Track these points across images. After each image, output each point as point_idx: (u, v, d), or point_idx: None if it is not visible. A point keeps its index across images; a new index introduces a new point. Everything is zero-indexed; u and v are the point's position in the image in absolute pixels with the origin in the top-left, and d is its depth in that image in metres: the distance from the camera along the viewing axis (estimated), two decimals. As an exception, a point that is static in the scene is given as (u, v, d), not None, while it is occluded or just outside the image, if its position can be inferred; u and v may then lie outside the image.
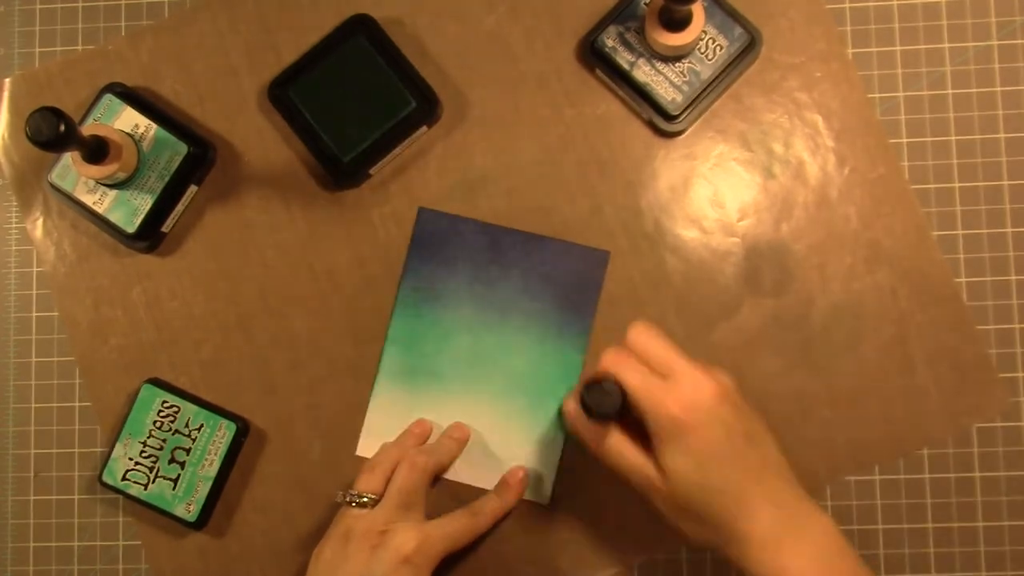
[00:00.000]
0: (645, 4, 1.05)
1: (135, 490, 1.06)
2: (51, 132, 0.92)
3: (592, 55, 1.07)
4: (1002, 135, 1.07)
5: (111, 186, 1.06)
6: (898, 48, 1.09)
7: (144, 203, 1.06)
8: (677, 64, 1.05)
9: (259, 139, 1.11)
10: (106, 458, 1.07)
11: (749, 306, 1.06)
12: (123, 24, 1.13)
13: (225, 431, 1.07)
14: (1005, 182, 1.07)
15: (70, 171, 1.06)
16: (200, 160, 1.08)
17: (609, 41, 1.06)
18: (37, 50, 1.14)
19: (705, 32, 1.04)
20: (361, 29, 1.08)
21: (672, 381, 0.87)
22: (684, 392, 0.86)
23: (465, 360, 1.08)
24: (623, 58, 1.05)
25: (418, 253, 1.09)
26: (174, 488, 1.06)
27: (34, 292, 1.12)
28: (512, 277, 1.09)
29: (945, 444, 1.05)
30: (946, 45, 1.08)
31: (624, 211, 1.08)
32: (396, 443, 1.05)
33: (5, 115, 1.13)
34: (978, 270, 1.06)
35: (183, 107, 1.11)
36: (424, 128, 1.09)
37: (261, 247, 1.10)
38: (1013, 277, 1.06)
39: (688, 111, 1.06)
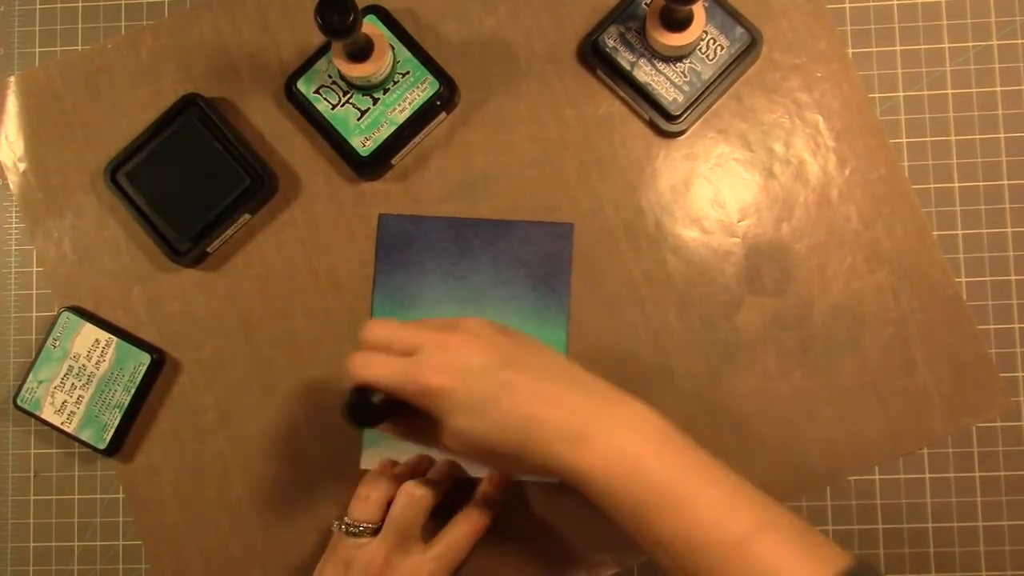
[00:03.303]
0: (646, 4, 1.05)
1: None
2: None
3: (593, 55, 1.07)
4: (1002, 135, 1.07)
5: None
6: (898, 48, 1.09)
7: (112, 417, 1.09)
8: (678, 64, 1.05)
9: (260, 139, 1.11)
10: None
11: (749, 306, 1.06)
12: (123, 24, 1.14)
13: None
14: (1005, 182, 1.07)
15: (35, 393, 1.09)
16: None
17: (610, 41, 1.06)
18: (37, 50, 1.14)
19: (706, 32, 1.05)
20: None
21: (420, 354, 0.87)
22: (431, 358, 0.86)
23: None
24: (624, 58, 1.05)
25: (386, 259, 1.09)
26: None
27: (34, 292, 1.12)
28: (482, 267, 1.09)
29: (945, 444, 1.05)
30: (946, 45, 1.08)
31: (625, 211, 1.08)
32: (393, 472, 1.04)
33: (6, 115, 1.13)
34: (978, 270, 1.06)
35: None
36: (443, 115, 1.10)
37: (261, 247, 1.10)
38: (1013, 277, 1.06)
39: (689, 111, 1.06)
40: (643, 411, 0.85)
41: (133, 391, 1.08)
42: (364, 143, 1.06)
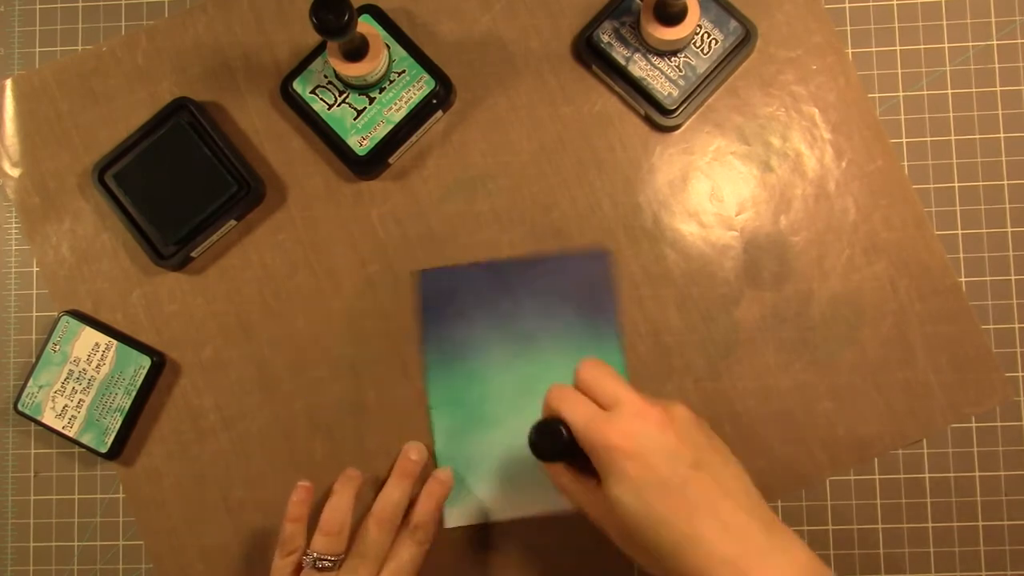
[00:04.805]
0: (640, -1, 1.06)
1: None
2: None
3: (588, 51, 1.07)
4: (1002, 135, 1.07)
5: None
6: (898, 48, 1.09)
7: (114, 420, 1.09)
8: (673, 58, 1.05)
9: (256, 140, 1.11)
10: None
11: (749, 299, 1.06)
12: (123, 24, 1.14)
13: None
14: (1005, 182, 1.07)
15: (36, 398, 1.09)
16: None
17: (605, 36, 1.06)
18: (37, 50, 1.15)
19: (700, 26, 1.05)
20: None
21: (616, 412, 0.86)
22: (625, 421, 0.84)
23: (512, 398, 1.08)
24: (619, 53, 1.06)
25: (430, 316, 1.09)
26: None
27: (34, 292, 1.12)
28: (525, 305, 1.08)
29: (945, 444, 1.05)
30: (946, 45, 1.09)
31: (623, 207, 1.08)
32: (347, 499, 1.03)
33: (5, 115, 1.14)
34: (978, 270, 1.06)
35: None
36: (440, 113, 1.10)
37: (260, 248, 1.10)
38: (1013, 277, 1.06)
39: (685, 105, 1.06)
40: (807, 562, 0.83)
41: (134, 394, 1.08)
42: (361, 142, 1.07)
